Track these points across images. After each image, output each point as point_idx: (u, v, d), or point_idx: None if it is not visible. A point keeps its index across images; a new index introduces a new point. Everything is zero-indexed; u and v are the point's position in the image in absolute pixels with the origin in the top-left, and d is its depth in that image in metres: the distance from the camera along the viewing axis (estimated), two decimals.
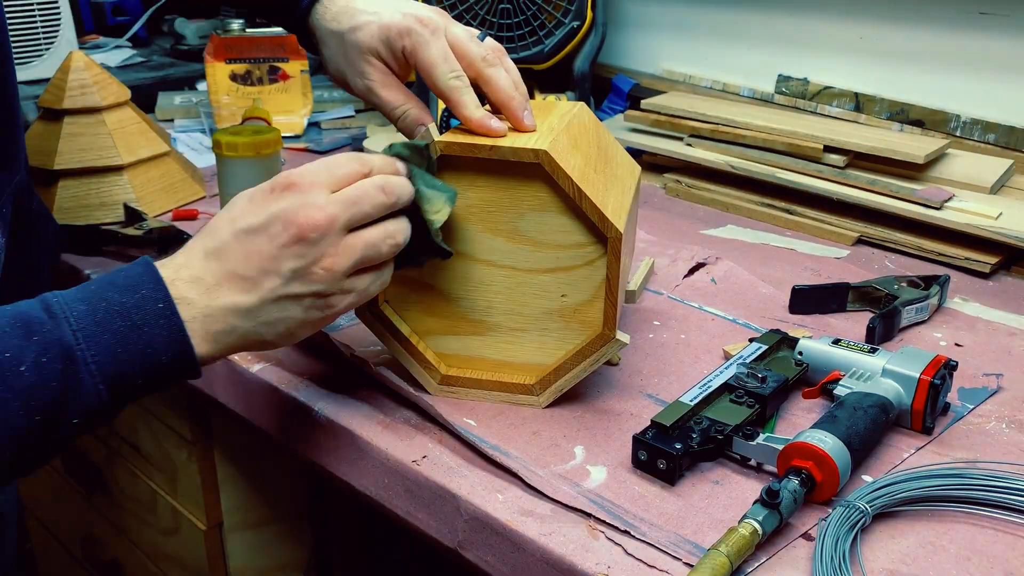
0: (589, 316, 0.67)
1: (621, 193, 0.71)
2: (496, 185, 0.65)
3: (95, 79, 1.04)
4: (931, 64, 1.21)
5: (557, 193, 0.64)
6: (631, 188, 0.74)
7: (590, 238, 0.65)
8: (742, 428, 0.63)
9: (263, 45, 1.42)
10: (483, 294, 0.69)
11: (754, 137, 1.15)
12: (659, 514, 0.58)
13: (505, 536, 0.58)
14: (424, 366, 0.71)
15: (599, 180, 0.68)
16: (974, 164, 1.10)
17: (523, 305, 0.68)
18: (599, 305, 0.66)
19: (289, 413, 0.73)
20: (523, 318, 0.69)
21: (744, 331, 0.83)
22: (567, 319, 0.68)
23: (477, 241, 0.67)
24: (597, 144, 0.74)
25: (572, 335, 0.68)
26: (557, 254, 0.66)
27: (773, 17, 1.35)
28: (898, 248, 1.02)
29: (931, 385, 0.66)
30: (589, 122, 0.77)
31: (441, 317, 0.71)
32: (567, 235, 0.65)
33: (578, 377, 0.69)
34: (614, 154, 0.77)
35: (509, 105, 0.68)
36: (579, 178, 0.63)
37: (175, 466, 1.03)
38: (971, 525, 0.58)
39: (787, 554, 0.55)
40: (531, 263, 0.67)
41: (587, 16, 1.31)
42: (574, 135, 0.70)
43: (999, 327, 0.85)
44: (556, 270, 0.67)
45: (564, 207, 0.64)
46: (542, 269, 0.67)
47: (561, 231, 0.65)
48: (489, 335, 0.70)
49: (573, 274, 0.66)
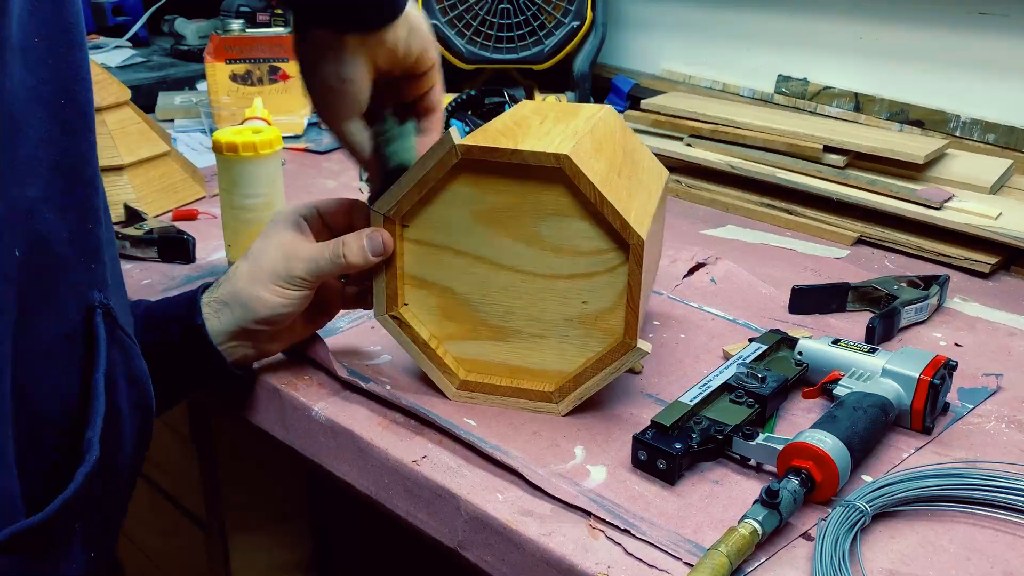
0: (610, 324, 0.66)
1: (646, 199, 0.69)
2: (517, 189, 0.64)
3: (95, 79, 1.03)
4: (931, 64, 1.21)
5: (578, 198, 0.63)
6: (657, 193, 0.73)
7: (612, 244, 0.63)
8: (742, 428, 0.63)
9: (263, 45, 1.42)
10: (503, 299, 0.68)
11: (754, 137, 1.15)
12: (659, 514, 0.58)
13: (505, 536, 0.58)
14: (443, 371, 0.71)
15: (623, 185, 0.66)
16: (974, 164, 1.10)
17: (543, 311, 0.67)
18: (620, 313, 0.65)
19: (289, 413, 0.73)
20: (543, 324, 0.68)
21: (744, 331, 0.83)
22: (588, 326, 0.67)
23: (497, 246, 0.66)
24: (623, 148, 0.73)
25: (593, 343, 0.67)
26: (578, 260, 0.65)
27: (773, 17, 1.35)
28: (898, 248, 1.02)
29: (931, 385, 0.66)
30: (615, 125, 0.76)
31: (460, 322, 0.70)
32: (588, 241, 0.64)
33: (598, 385, 0.67)
34: (640, 158, 0.76)
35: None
36: (601, 183, 0.62)
37: (175, 466, 1.03)
38: (971, 525, 0.58)
39: (787, 554, 0.55)
40: (551, 269, 0.66)
41: (587, 16, 1.31)
42: (599, 139, 0.69)
43: (999, 327, 0.85)
44: (577, 276, 0.65)
45: (585, 212, 0.63)
46: (563, 275, 0.66)
47: (582, 237, 0.64)
48: (508, 341, 0.69)
49: (594, 281, 0.65)
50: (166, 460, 1.04)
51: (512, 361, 0.70)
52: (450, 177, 0.65)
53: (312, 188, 1.20)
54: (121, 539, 1.21)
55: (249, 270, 0.69)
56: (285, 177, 0.91)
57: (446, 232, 0.67)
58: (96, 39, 1.78)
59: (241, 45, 1.41)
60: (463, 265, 0.67)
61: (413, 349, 0.70)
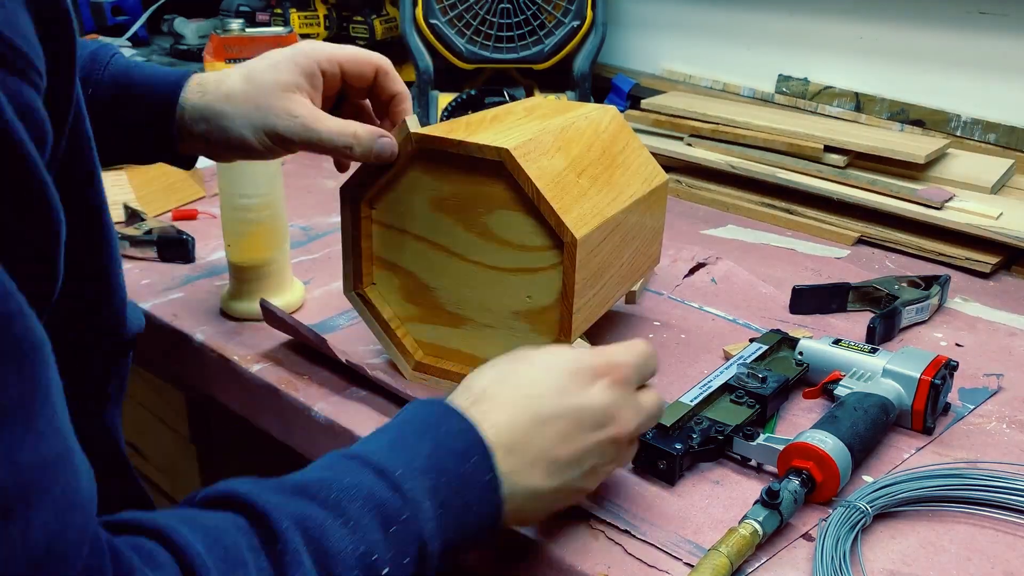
0: (552, 320, 0.66)
1: (610, 200, 0.70)
2: (467, 180, 0.65)
3: None
4: (931, 64, 1.21)
5: (519, 193, 0.64)
6: (633, 196, 0.73)
7: (551, 242, 0.64)
8: (742, 428, 0.63)
9: (263, 45, 1.42)
10: (457, 287, 0.69)
11: (754, 137, 1.15)
12: (659, 514, 0.58)
13: (505, 536, 0.58)
14: (400, 350, 0.73)
15: (579, 184, 0.67)
16: (974, 164, 1.10)
17: (492, 302, 0.68)
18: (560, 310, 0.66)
19: (289, 413, 0.73)
20: (492, 315, 0.69)
21: (744, 331, 0.83)
22: (532, 321, 0.67)
23: (452, 234, 0.68)
24: (603, 148, 0.73)
25: (537, 337, 0.67)
26: (522, 255, 0.66)
27: (773, 17, 1.35)
28: (898, 248, 1.02)
29: (931, 385, 0.66)
30: (604, 126, 0.76)
31: (420, 305, 0.72)
32: (532, 236, 0.65)
33: None
34: (628, 160, 0.76)
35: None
36: (549, 180, 0.63)
37: (175, 466, 1.03)
38: (971, 525, 0.58)
39: (787, 554, 0.55)
40: (499, 261, 0.67)
41: (587, 16, 1.31)
42: (568, 137, 0.70)
43: (999, 327, 0.85)
44: (521, 271, 0.66)
45: (528, 208, 0.64)
46: (509, 268, 0.67)
47: (526, 232, 0.65)
48: (462, 328, 0.71)
49: (537, 276, 0.66)
50: (166, 460, 1.04)
51: (464, 348, 0.71)
52: (410, 164, 0.67)
53: (312, 188, 1.20)
54: None
55: (243, 93, 0.65)
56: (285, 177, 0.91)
57: (409, 217, 0.69)
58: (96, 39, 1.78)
59: (241, 45, 1.41)
60: (422, 250, 0.69)
61: (375, 327, 0.73)
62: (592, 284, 0.67)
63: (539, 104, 0.81)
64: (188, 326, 0.82)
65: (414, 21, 1.31)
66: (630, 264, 0.76)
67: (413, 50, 1.34)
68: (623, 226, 0.72)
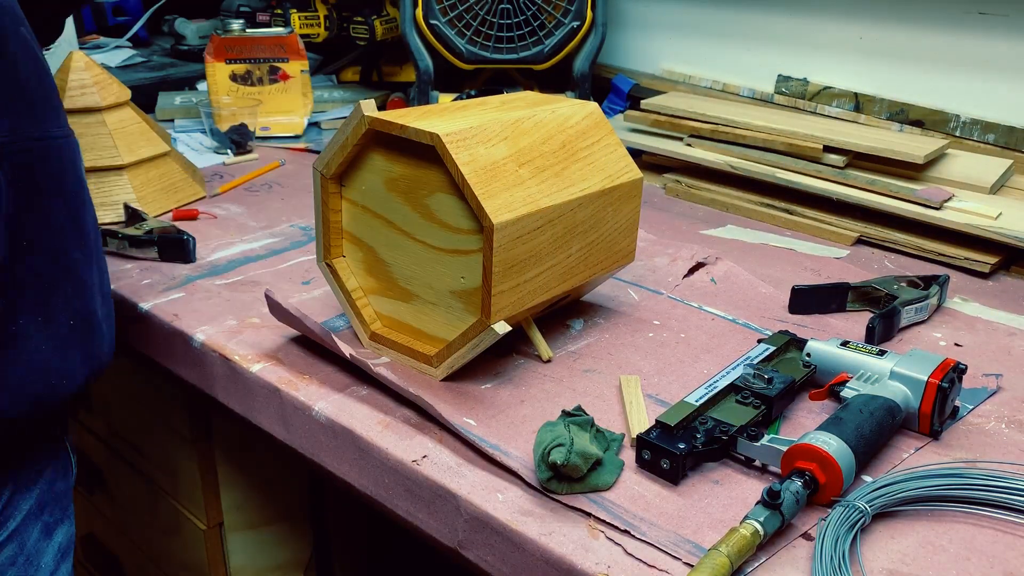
0: (479, 301, 0.70)
1: (553, 192, 0.71)
2: (413, 163, 0.70)
3: (95, 79, 1.04)
4: (931, 64, 1.21)
5: (450, 178, 0.67)
6: (584, 191, 0.74)
7: (478, 225, 0.67)
8: (747, 429, 0.63)
9: (263, 45, 1.42)
10: (406, 264, 0.74)
11: (754, 137, 1.15)
12: (659, 514, 0.58)
13: (505, 536, 0.58)
14: (360, 320, 0.78)
15: (519, 174, 0.70)
16: (974, 164, 1.10)
17: (435, 281, 0.72)
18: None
19: (289, 413, 0.73)
20: (435, 293, 0.73)
21: (744, 331, 0.83)
22: (465, 301, 0.71)
23: (402, 213, 0.72)
24: (563, 142, 0.75)
25: (468, 316, 0.71)
26: (457, 236, 0.69)
27: (773, 17, 1.35)
28: (898, 248, 1.02)
29: (939, 388, 0.65)
30: (574, 120, 0.77)
31: (378, 279, 0.77)
32: (463, 220, 0.68)
33: (465, 357, 0.71)
34: (590, 156, 0.77)
35: None
36: (479, 167, 0.67)
37: (175, 466, 1.03)
38: (971, 525, 0.58)
39: (787, 554, 0.55)
40: (439, 241, 0.71)
41: (587, 16, 1.31)
42: (523, 128, 0.73)
43: (999, 327, 0.85)
44: (456, 252, 0.70)
45: (459, 193, 0.67)
46: (447, 249, 0.70)
47: (459, 215, 0.68)
48: (411, 303, 0.75)
49: (469, 258, 0.69)
50: (166, 460, 1.04)
51: (412, 323, 0.76)
52: (369, 146, 0.72)
53: (312, 188, 1.20)
54: (121, 539, 1.21)
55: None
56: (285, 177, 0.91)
57: (370, 196, 0.74)
58: (96, 39, 1.78)
59: (241, 45, 1.41)
60: (379, 227, 0.74)
61: (340, 296, 0.78)
62: (520, 271, 0.70)
63: (518, 97, 0.83)
64: (188, 326, 0.82)
65: (414, 21, 1.31)
66: (581, 257, 0.76)
67: (413, 50, 1.34)
68: (567, 218, 0.73)
